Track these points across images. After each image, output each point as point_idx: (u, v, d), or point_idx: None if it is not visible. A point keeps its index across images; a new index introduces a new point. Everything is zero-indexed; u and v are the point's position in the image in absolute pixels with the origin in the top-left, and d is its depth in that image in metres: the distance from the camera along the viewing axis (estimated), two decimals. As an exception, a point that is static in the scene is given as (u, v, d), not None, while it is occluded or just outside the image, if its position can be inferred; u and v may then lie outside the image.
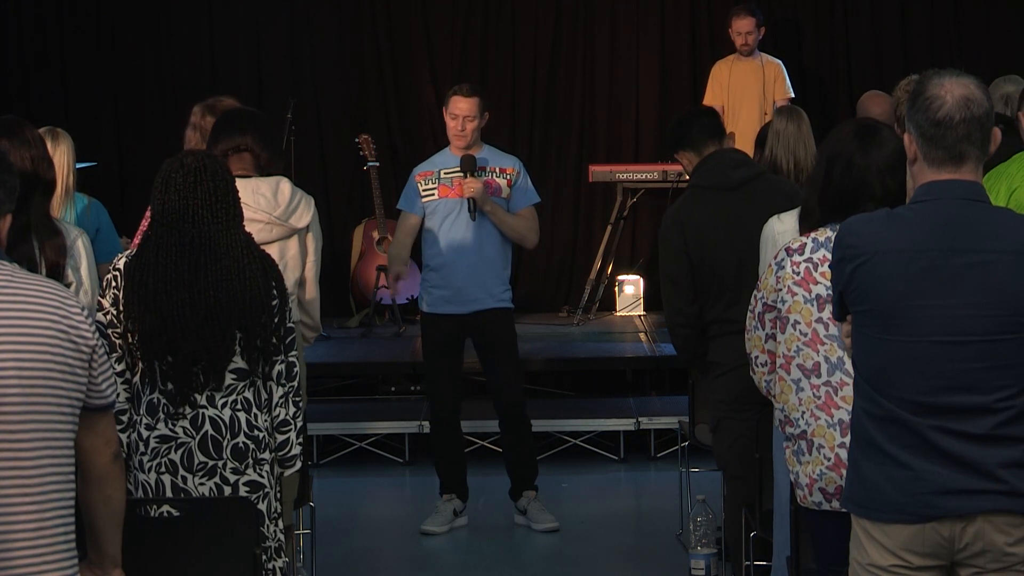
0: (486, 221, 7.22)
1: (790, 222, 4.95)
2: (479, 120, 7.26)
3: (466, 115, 7.22)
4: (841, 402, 4.25)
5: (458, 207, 7.24)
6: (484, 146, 7.37)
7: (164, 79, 11.19)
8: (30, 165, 4.78)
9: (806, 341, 4.31)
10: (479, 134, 7.30)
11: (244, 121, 5.48)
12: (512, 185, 7.33)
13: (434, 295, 7.30)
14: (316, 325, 5.62)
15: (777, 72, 10.24)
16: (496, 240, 7.28)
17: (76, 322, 3.34)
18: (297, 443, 4.57)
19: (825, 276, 4.27)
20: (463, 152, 7.26)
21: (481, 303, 7.26)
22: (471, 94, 7.25)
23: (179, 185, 4.42)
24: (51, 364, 3.28)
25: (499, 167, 7.34)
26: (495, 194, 7.27)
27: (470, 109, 7.22)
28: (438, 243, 7.27)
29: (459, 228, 7.24)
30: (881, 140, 4.31)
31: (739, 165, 5.91)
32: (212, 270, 4.39)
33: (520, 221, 7.33)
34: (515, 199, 7.33)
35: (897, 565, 3.48)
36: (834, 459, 4.24)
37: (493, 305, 7.29)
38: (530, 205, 7.38)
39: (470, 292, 7.25)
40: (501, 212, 7.25)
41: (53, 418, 3.29)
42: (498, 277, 7.32)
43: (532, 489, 7.51)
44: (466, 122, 7.23)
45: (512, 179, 7.34)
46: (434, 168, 7.35)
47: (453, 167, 7.26)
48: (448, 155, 7.35)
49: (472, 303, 7.25)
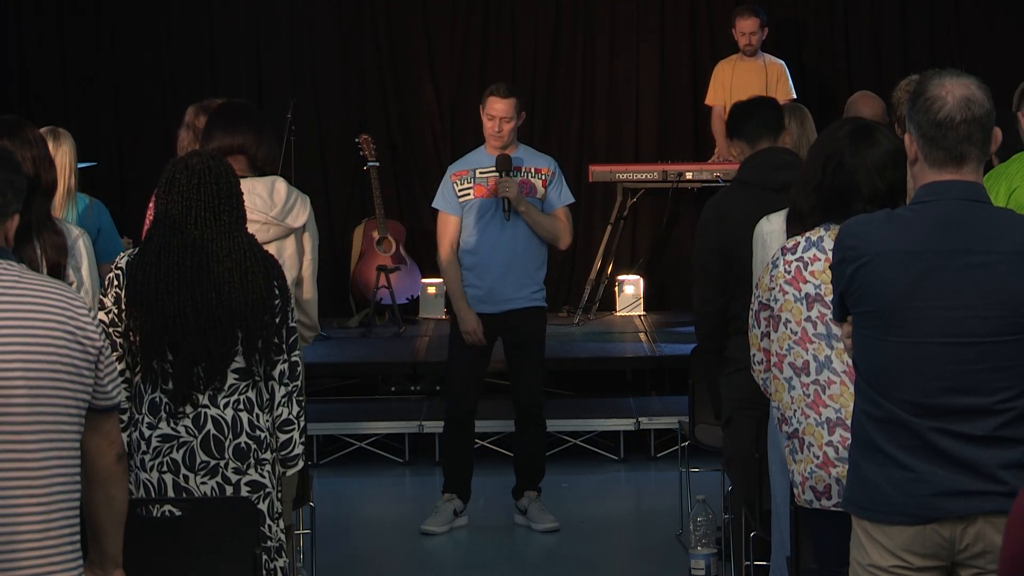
0: (520, 221, 7.23)
1: (778, 222, 4.95)
2: (515, 120, 7.27)
3: (503, 116, 7.22)
4: (829, 400, 4.26)
5: (493, 207, 7.24)
6: (520, 145, 7.38)
7: (164, 79, 11.19)
8: (31, 165, 4.78)
9: (796, 339, 4.32)
10: (515, 134, 7.30)
11: (238, 119, 5.45)
12: (547, 185, 7.34)
13: (468, 294, 7.29)
14: (314, 325, 5.62)
15: (780, 73, 10.24)
16: (530, 240, 7.29)
17: (83, 323, 3.34)
18: (300, 443, 4.57)
19: (815, 275, 4.28)
20: (499, 152, 7.27)
21: (514, 303, 7.27)
22: (508, 95, 7.25)
23: (183, 187, 4.42)
24: (58, 365, 3.29)
25: (534, 167, 7.36)
26: (530, 194, 7.28)
27: (507, 110, 7.23)
28: (473, 242, 7.26)
29: (494, 227, 7.24)
30: (874, 140, 4.31)
31: (784, 167, 5.86)
32: (214, 272, 4.39)
33: (554, 221, 7.34)
34: (549, 199, 7.35)
35: (897, 566, 3.48)
36: (823, 457, 4.25)
37: (526, 304, 7.29)
38: (564, 205, 7.39)
39: (503, 291, 7.25)
40: (535, 212, 7.26)
41: (59, 419, 3.30)
42: (531, 277, 7.33)
43: (535, 490, 7.51)
44: (503, 123, 7.23)
45: (547, 179, 7.35)
46: (469, 167, 7.35)
47: (488, 166, 7.27)
48: (483, 154, 7.35)
49: (505, 302, 7.26)
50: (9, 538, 3.23)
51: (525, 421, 7.45)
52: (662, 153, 11.03)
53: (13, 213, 3.43)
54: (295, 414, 4.53)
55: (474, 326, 7.22)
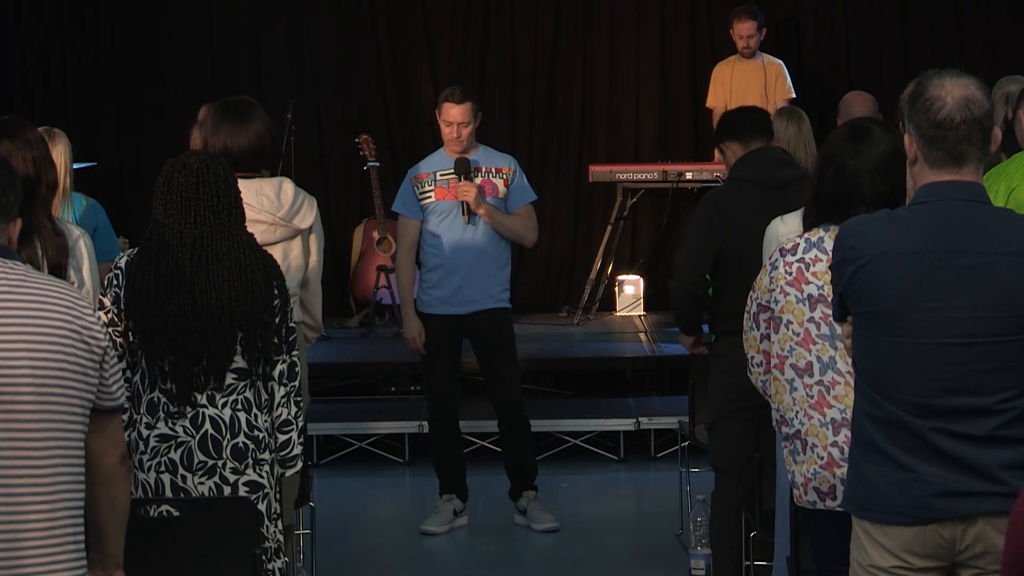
0: (483, 221, 7.23)
1: (793, 223, 4.95)
2: (473, 124, 7.25)
3: (459, 121, 7.21)
4: (833, 401, 4.25)
5: (455, 208, 7.23)
6: (479, 147, 7.36)
7: (164, 79, 11.19)
8: (32, 166, 4.78)
9: (799, 341, 4.31)
10: (474, 136, 7.29)
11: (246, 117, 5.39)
12: (508, 184, 7.33)
13: (432, 295, 7.30)
14: (318, 326, 5.62)
15: (778, 72, 10.24)
16: (494, 240, 7.28)
17: (89, 323, 3.35)
18: (299, 443, 4.57)
19: (817, 276, 4.28)
20: (458, 155, 7.26)
21: (479, 303, 7.26)
22: (463, 99, 7.21)
23: (181, 186, 4.42)
24: (64, 365, 3.29)
25: (495, 167, 7.34)
26: (492, 195, 7.27)
27: (463, 115, 7.21)
28: (436, 244, 7.26)
29: (456, 229, 7.24)
30: (872, 141, 4.31)
31: (783, 165, 5.89)
32: (213, 271, 4.39)
33: (517, 220, 7.33)
34: (512, 198, 7.34)
35: (898, 566, 3.48)
36: (827, 458, 4.25)
37: (491, 305, 7.29)
38: (527, 203, 7.38)
39: (468, 292, 7.25)
40: (497, 213, 7.25)
41: (65, 419, 3.30)
42: (496, 277, 7.32)
43: (532, 489, 7.51)
44: (460, 128, 7.22)
45: (508, 178, 7.34)
46: (429, 170, 7.34)
47: (448, 169, 7.26)
48: (443, 156, 7.34)
49: (470, 303, 7.25)
50: (13, 536, 3.24)
51: (508, 422, 7.44)
52: (662, 153, 11.03)
53: (15, 216, 3.44)
54: (294, 414, 4.53)
55: (414, 333, 7.27)
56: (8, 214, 3.42)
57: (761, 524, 5.36)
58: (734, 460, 5.76)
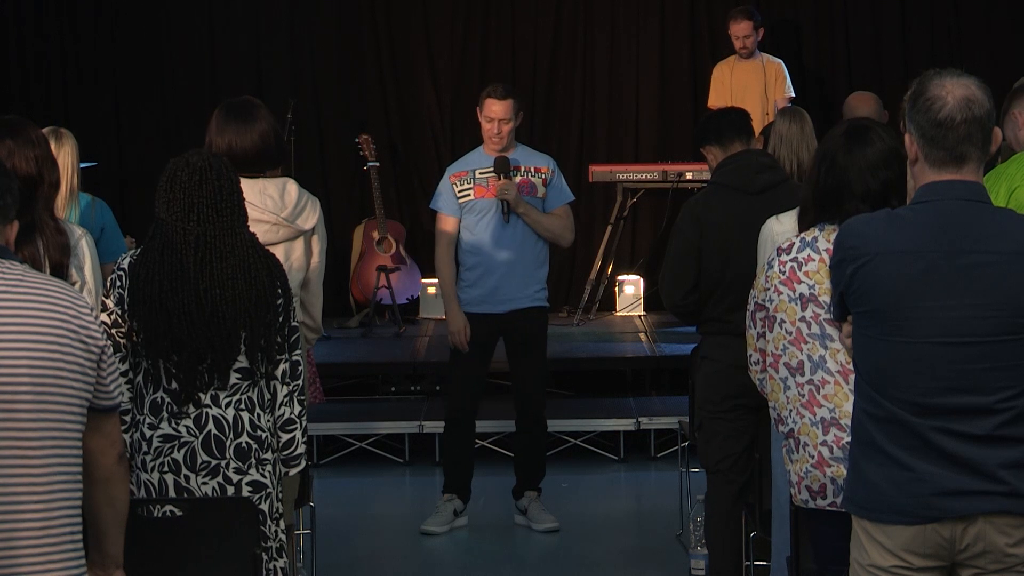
0: (521, 220, 7.23)
1: (789, 223, 4.96)
2: (514, 121, 7.26)
3: (501, 118, 7.21)
4: (823, 400, 4.26)
5: (494, 207, 7.23)
6: (518, 145, 7.37)
7: (164, 79, 11.20)
8: (34, 165, 4.78)
9: (791, 340, 4.32)
10: (513, 134, 7.30)
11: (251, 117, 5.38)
12: (547, 184, 7.34)
13: (470, 294, 7.28)
14: (317, 327, 5.62)
15: (778, 71, 10.24)
16: (531, 239, 7.28)
17: (86, 322, 3.35)
18: (302, 442, 4.57)
19: (809, 275, 4.29)
20: (497, 153, 7.26)
21: (517, 302, 7.27)
22: (505, 96, 7.23)
23: (184, 184, 4.42)
24: (62, 364, 3.29)
25: (533, 166, 7.35)
26: (530, 194, 7.28)
27: (505, 112, 7.21)
28: (475, 243, 7.26)
29: (495, 227, 7.24)
30: (868, 140, 4.31)
31: (764, 169, 5.88)
32: (217, 269, 4.39)
33: (555, 220, 7.34)
34: (550, 198, 7.35)
35: (898, 566, 3.48)
36: (817, 457, 4.25)
37: (529, 304, 7.29)
38: (565, 204, 7.39)
39: (506, 291, 7.25)
40: (535, 213, 7.26)
41: (63, 418, 3.30)
42: (533, 276, 7.33)
43: (535, 490, 7.51)
44: (501, 124, 7.22)
45: (547, 178, 7.35)
46: (468, 168, 7.34)
47: (487, 167, 7.26)
48: (482, 155, 7.34)
49: (508, 302, 7.26)
50: (9, 535, 3.23)
51: (527, 421, 7.44)
52: (662, 153, 11.04)
53: (13, 218, 3.44)
54: (297, 413, 4.54)
55: (460, 327, 7.22)
56: (6, 216, 3.42)
57: (760, 524, 5.36)
58: (723, 460, 5.78)
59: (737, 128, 6.05)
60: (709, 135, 6.08)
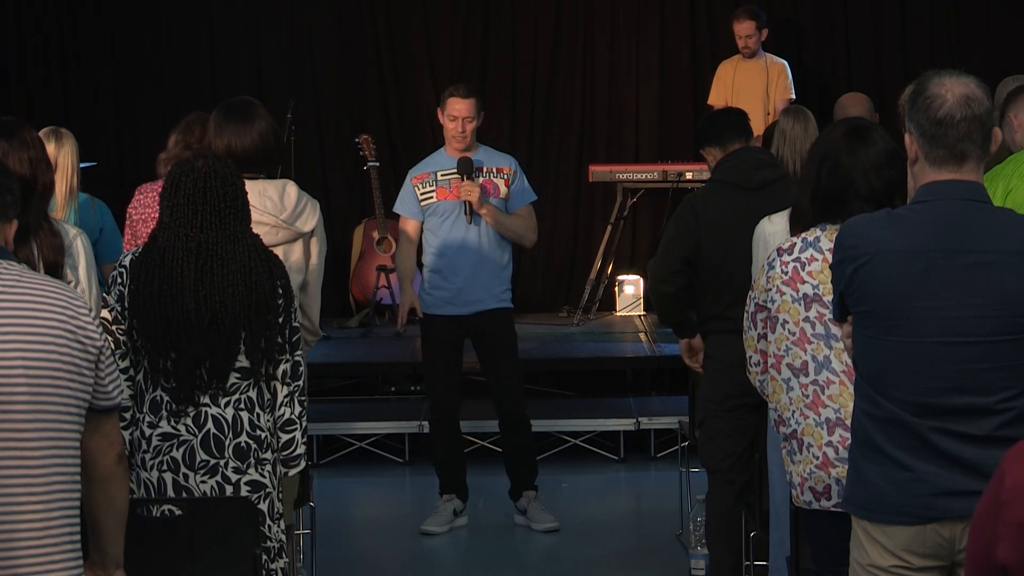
0: (484, 221, 7.23)
1: (780, 223, 4.96)
2: (477, 120, 7.26)
3: (465, 116, 7.21)
4: (828, 400, 4.25)
5: (457, 209, 7.23)
6: (479, 146, 7.36)
7: (164, 79, 11.19)
8: (28, 167, 4.77)
9: (794, 340, 4.31)
10: (475, 135, 7.30)
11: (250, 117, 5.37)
12: (509, 185, 7.33)
13: (435, 296, 7.30)
14: (315, 330, 5.61)
15: (780, 71, 10.24)
16: (496, 240, 7.28)
17: (84, 323, 3.34)
18: (302, 443, 4.57)
19: (812, 275, 4.28)
20: (460, 154, 7.26)
21: (482, 303, 7.26)
22: (468, 95, 7.24)
23: (189, 190, 4.41)
24: (59, 364, 3.29)
25: (496, 167, 7.35)
26: (493, 195, 7.28)
27: (469, 110, 7.22)
28: (438, 244, 7.26)
29: (459, 229, 7.24)
30: (870, 140, 4.31)
31: (762, 166, 5.89)
32: (218, 276, 4.38)
33: (518, 221, 7.33)
34: (513, 199, 7.34)
35: (897, 566, 3.48)
36: (822, 458, 4.24)
37: (494, 305, 7.29)
38: (527, 204, 7.39)
39: (471, 293, 7.25)
40: (498, 214, 7.25)
41: (60, 419, 3.30)
42: (498, 277, 7.32)
43: (532, 489, 7.51)
44: (465, 123, 7.22)
45: (509, 178, 7.34)
46: (430, 170, 7.34)
47: (450, 168, 7.26)
48: (444, 156, 7.34)
49: (473, 304, 7.25)
50: (8, 536, 3.23)
51: (509, 423, 7.43)
52: (662, 153, 11.04)
53: (12, 217, 3.44)
54: (297, 414, 4.53)
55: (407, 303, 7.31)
56: (4, 215, 3.42)
57: (760, 524, 5.36)
58: (724, 459, 5.78)
59: (736, 129, 6.06)
60: (709, 136, 6.09)
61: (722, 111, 6.33)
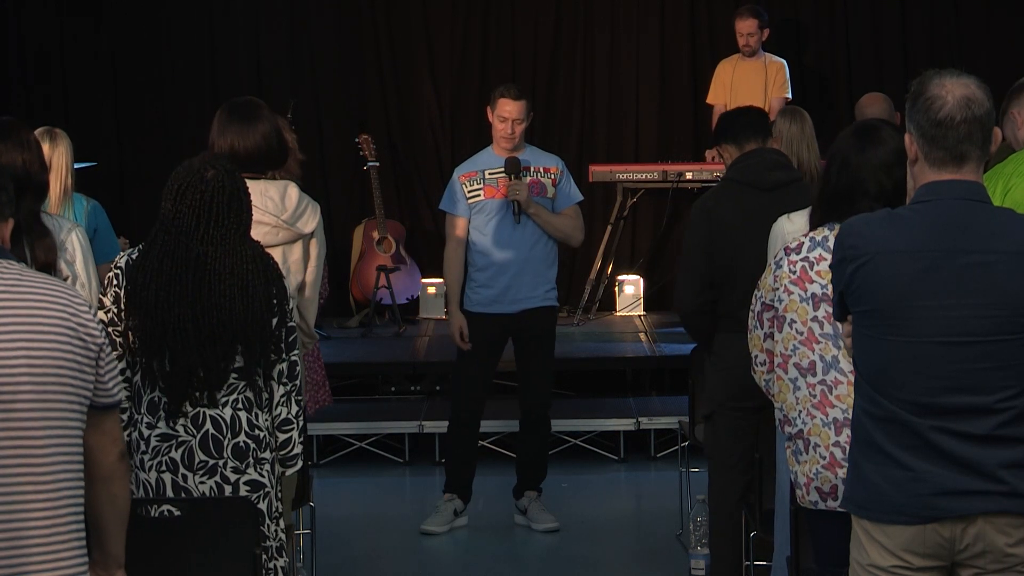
0: (531, 221, 7.23)
1: (800, 222, 4.95)
2: (526, 122, 7.27)
3: (515, 118, 7.22)
4: (836, 400, 4.25)
5: (504, 208, 7.23)
6: (526, 146, 7.38)
7: (164, 79, 11.19)
8: (22, 167, 4.77)
9: (802, 340, 4.31)
10: (524, 135, 7.30)
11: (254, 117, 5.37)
12: (556, 184, 7.34)
13: (481, 295, 7.28)
14: (311, 332, 5.60)
15: (778, 70, 10.24)
16: (542, 239, 7.29)
17: (84, 320, 3.35)
18: (299, 442, 4.57)
19: (820, 275, 4.28)
20: (508, 153, 7.26)
21: (528, 302, 7.27)
22: (519, 96, 7.25)
23: (194, 201, 4.39)
24: (61, 361, 3.30)
25: (543, 167, 7.36)
26: (540, 194, 7.28)
27: (519, 112, 7.22)
28: (485, 243, 7.25)
29: (505, 228, 7.24)
30: (879, 139, 4.31)
31: (777, 167, 5.87)
32: (215, 290, 4.37)
33: (565, 220, 7.35)
34: (559, 199, 7.35)
35: (897, 566, 3.48)
36: (829, 458, 4.24)
37: (540, 304, 7.30)
38: (574, 204, 7.40)
39: (517, 291, 7.25)
40: (546, 213, 7.26)
41: (64, 415, 3.31)
42: (544, 276, 7.34)
43: (535, 490, 7.50)
44: (515, 124, 7.23)
45: (556, 178, 7.36)
46: (478, 168, 7.33)
47: (497, 168, 7.26)
48: (491, 155, 7.34)
49: (519, 302, 7.26)
50: (17, 535, 3.24)
51: (531, 421, 7.43)
52: (662, 153, 11.04)
53: (8, 216, 3.45)
54: (294, 413, 4.53)
55: (456, 328, 7.22)
56: (1, 213, 3.43)
57: (761, 524, 5.36)
58: (732, 454, 5.76)
59: (754, 128, 6.01)
60: (726, 134, 6.06)
61: (742, 110, 6.28)
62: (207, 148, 5.29)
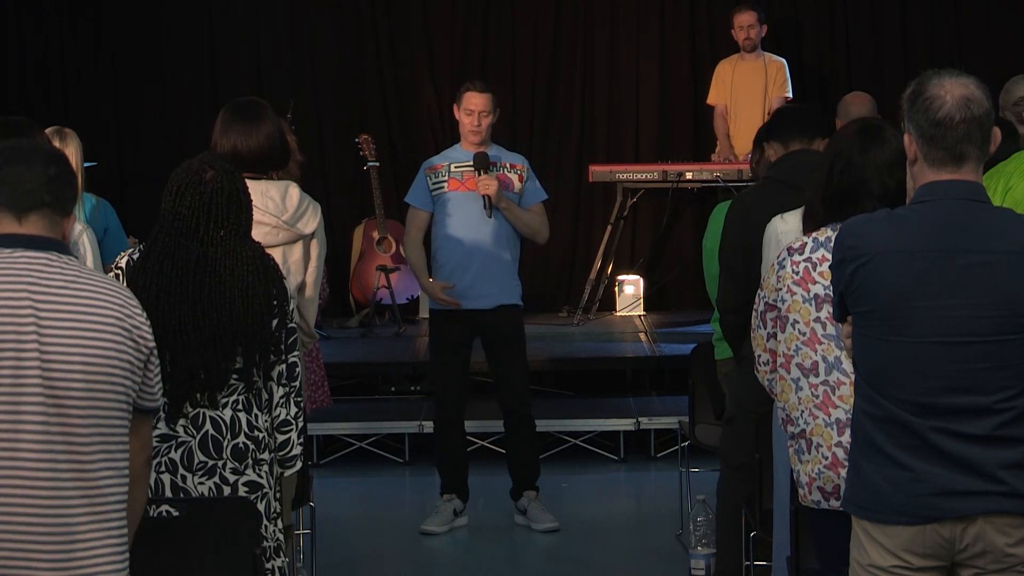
0: (498, 216, 7.23)
1: (793, 222, 4.94)
2: (493, 116, 7.28)
3: (481, 110, 7.24)
4: (838, 401, 4.25)
5: (468, 201, 7.23)
6: (492, 144, 7.39)
7: (164, 79, 11.19)
8: None
9: (805, 340, 4.31)
10: (490, 131, 7.31)
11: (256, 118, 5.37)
12: (523, 181, 7.35)
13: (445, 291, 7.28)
14: (311, 332, 5.61)
15: (778, 69, 10.25)
16: (506, 235, 7.29)
17: (139, 322, 3.36)
18: (298, 443, 4.57)
19: (823, 276, 4.27)
20: (476, 148, 7.26)
21: (494, 298, 7.26)
22: (485, 90, 7.29)
23: (193, 203, 4.40)
24: (115, 361, 3.30)
25: (509, 163, 7.37)
26: (508, 189, 7.29)
27: (485, 104, 7.24)
28: (448, 238, 7.25)
29: (470, 223, 7.23)
30: (883, 139, 4.31)
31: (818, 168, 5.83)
32: (216, 293, 4.37)
33: (533, 216, 7.35)
34: (526, 195, 7.36)
35: (897, 566, 3.48)
36: (831, 458, 4.24)
37: (506, 301, 7.29)
38: (539, 202, 7.40)
39: (482, 288, 7.24)
40: (516, 208, 7.28)
41: (111, 414, 3.31)
42: (508, 272, 7.33)
43: (533, 489, 7.50)
44: (481, 117, 7.24)
45: (523, 175, 7.37)
46: (445, 162, 7.35)
47: (464, 161, 7.27)
48: (459, 150, 7.36)
49: (485, 298, 7.24)
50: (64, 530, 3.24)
51: (514, 421, 7.42)
52: (662, 153, 11.04)
53: (71, 211, 3.46)
54: (293, 415, 4.53)
55: (437, 289, 7.18)
56: (65, 209, 3.44)
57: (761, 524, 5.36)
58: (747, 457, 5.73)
59: (800, 128, 5.92)
60: (772, 131, 6.01)
61: (795, 109, 6.23)
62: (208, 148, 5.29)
